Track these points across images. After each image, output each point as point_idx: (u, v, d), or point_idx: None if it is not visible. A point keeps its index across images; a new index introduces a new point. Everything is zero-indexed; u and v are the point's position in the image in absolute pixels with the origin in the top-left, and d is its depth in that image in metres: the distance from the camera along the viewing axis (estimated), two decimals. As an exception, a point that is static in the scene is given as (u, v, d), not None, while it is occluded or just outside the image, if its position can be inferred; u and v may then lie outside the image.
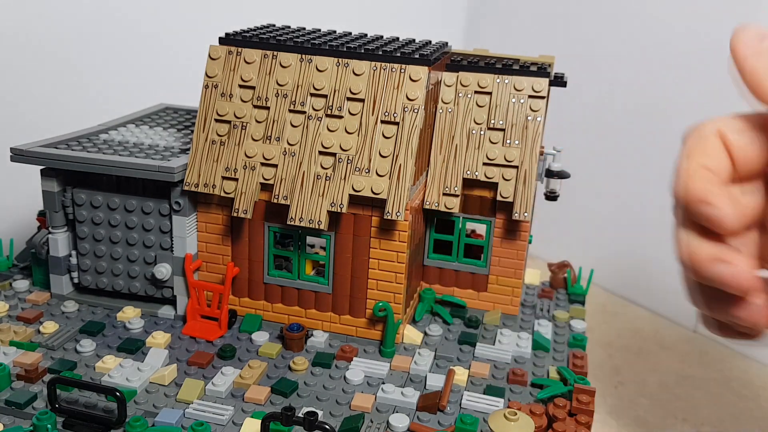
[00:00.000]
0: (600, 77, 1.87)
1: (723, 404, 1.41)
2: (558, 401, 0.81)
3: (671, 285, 1.78)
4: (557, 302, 1.10)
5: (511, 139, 0.95)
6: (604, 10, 1.85)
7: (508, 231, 0.99)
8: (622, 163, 1.85)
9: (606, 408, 1.37)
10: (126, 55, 1.50)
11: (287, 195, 0.89)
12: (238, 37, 0.94)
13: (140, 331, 0.93)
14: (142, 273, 0.97)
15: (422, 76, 0.88)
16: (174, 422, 0.75)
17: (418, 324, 0.99)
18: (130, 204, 0.94)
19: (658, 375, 1.50)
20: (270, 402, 0.81)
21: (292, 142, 0.90)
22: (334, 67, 0.90)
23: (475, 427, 0.76)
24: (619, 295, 1.89)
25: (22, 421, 0.75)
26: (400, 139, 0.88)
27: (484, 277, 1.02)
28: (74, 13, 1.40)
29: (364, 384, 0.85)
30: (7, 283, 1.02)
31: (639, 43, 1.78)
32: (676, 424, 1.34)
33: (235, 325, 0.96)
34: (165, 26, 1.55)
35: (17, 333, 0.89)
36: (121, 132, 1.05)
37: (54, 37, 1.38)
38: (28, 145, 0.95)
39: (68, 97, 1.42)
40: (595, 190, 1.92)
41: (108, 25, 1.45)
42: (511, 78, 0.96)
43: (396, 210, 0.87)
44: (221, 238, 0.95)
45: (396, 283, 0.92)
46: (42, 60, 1.38)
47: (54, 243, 0.97)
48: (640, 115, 1.79)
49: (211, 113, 0.92)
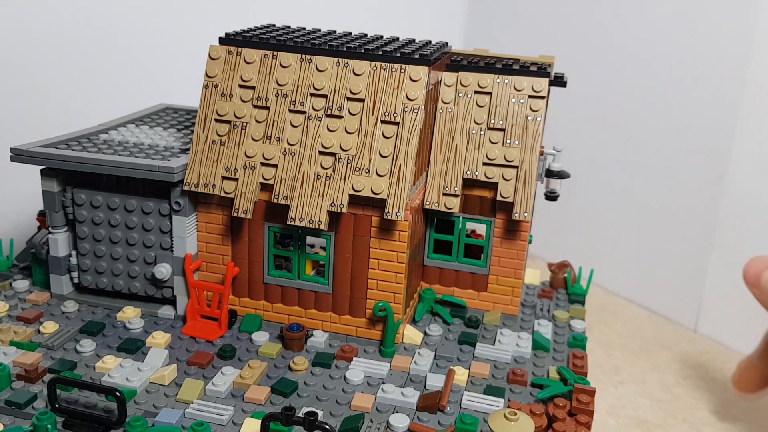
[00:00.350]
0: (600, 77, 1.87)
1: (723, 404, 1.41)
2: (558, 401, 0.81)
3: (671, 285, 1.78)
4: (557, 302, 1.10)
5: (511, 139, 0.95)
6: (604, 10, 1.85)
7: (508, 231, 0.99)
8: (622, 162, 1.86)
9: (606, 408, 1.37)
10: (126, 55, 1.50)
11: (287, 195, 0.89)
12: (238, 37, 0.94)
13: (140, 331, 0.93)
14: (142, 273, 0.97)
15: (422, 76, 0.88)
16: (174, 422, 0.75)
17: (418, 324, 0.99)
18: (130, 204, 0.94)
19: (658, 375, 1.50)
20: (270, 402, 0.81)
21: (292, 142, 0.90)
22: (334, 67, 0.90)
23: (475, 427, 0.76)
24: (619, 295, 1.89)
25: (22, 421, 0.75)
26: (400, 139, 0.88)
27: (484, 277, 1.02)
28: (74, 12, 1.40)
29: (364, 384, 0.85)
30: (7, 283, 1.02)
31: (639, 43, 1.78)
32: (676, 424, 1.34)
33: (235, 325, 0.96)
34: (165, 26, 1.55)
35: (17, 333, 0.89)
36: (121, 132, 1.05)
37: (54, 37, 1.38)
38: (28, 145, 0.95)
39: (68, 97, 1.42)
40: (595, 190, 1.92)
41: (108, 25, 1.45)
42: (511, 78, 0.96)
43: (396, 210, 0.87)
44: (221, 238, 0.95)
45: (396, 283, 0.92)
46: (42, 60, 1.38)
47: (54, 243, 0.97)
48: (640, 115, 1.80)
49: (211, 113, 0.92)
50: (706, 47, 1.63)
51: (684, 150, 1.71)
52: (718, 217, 1.65)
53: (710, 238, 1.67)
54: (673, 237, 1.76)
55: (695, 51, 1.66)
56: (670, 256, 1.77)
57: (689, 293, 1.73)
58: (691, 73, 1.67)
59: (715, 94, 1.63)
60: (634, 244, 1.85)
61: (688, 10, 1.66)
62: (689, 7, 1.66)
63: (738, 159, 1.61)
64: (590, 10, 1.88)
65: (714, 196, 1.65)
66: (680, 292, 1.75)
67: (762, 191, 1.58)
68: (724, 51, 1.60)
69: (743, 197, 1.61)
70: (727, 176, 1.63)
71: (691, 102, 1.68)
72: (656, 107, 1.75)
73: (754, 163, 1.59)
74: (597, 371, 1.48)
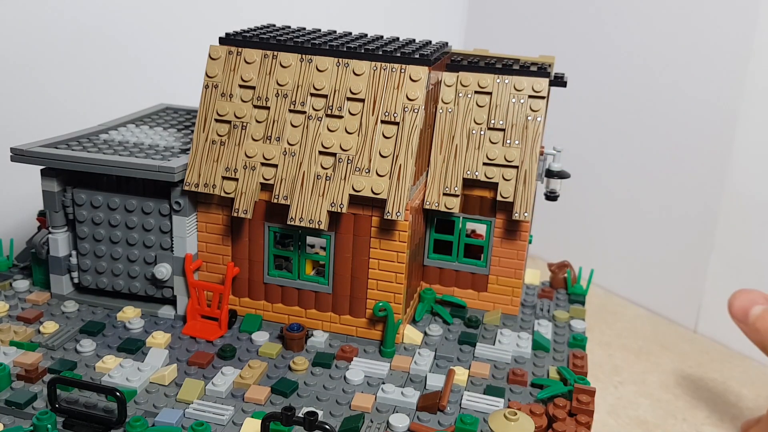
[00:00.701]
0: (600, 77, 1.87)
1: (723, 404, 1.41)
2: (558, 401, 0.81)
3: (671, 285, 1.78)
4: (557, 302, 1.10)
5: (511, 139, 0.95)
6: (604, 9, 1.85)
7: (508, 231, 0.99)
8: (622, 162, 1.86)
9: (606, 408, 1.37)
10: (126, 55, 1.50)
11: (287, 195, 0.89)
12: (238, 37, 0.94)
13: (140, 331, 0.93)
14: (142, 273, 0.97)
15: (422, 76, 0.88)
16: (174, 422, 0.75)
17: (418, 324, 0.99)
18: (130, 204, 0.94)
19: (658, 375, 1.50)
20: (270, 402, 0.81)
21: (292, 142, 0.90)
22: (334, 67, 0.90)
23: (475, 427, 0.76)
24: (619, 295, 1.89)
25: (22, 421, 0.75)
26: (400, 139, 0.88)
27: (484, 277, 1.02)
28: (74, 12, 1.40)
29: (364, 384, 0.85)
30: (7, 283, 1.02)
31: (639, 43, 1.78)
32: (676, 424, 1.34)
33: (235, 325, 0.96)
34: (165, 26, 1.55)
35: (17, 333, 0.89)
36: (121, 132, 1.05)
37: (54, 37, 1.38)
38: (28, 145, 0.95)
39: (68, 97, 1.42)
40: (595, 190, 1.92)
41: (108, 25, 1.45)
42: (511, 78, 0.96)
43: (396, 210, 0.87)
44: (221, 238, 0.95)
45: (396, 283, 0.92)
46: (42, 60, 1.38)
47: (54, 243, 0.97)
48: (640, 115, 1.80)
49: (211, 113, 0.92)
50: (706, 47, 1.63)
51: (684, 150, 1.71)
52: (718, 218, 1.65)
53: (710, 238, 1.67)
54: (673, 237, 1.76)
55: (695, 51, 1.66)
56: (670, 256, 1.77)
57: (689, 293, 1.73)
58: (691, 73, 1.67)
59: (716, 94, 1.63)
60: (634, 244, 1.85)
61: (688, 10, 1.66)
62: (689, 8, 1.66)
63: (738, 159, 1.61)
64: (590, 10, 1.88)
65: (714, 196, 1.65)
66: (680, 292, 1.75)
67: (762, 192, 1.58)
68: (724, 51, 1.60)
69: (743, 197, 1.61)
70: (727, 176, 1.63)
71: (691, 102, 1.68)
72: (656, 107, 1.75)
73: (754, 163, 1.59)
74: (597, 371, 1.48)
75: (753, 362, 1.58)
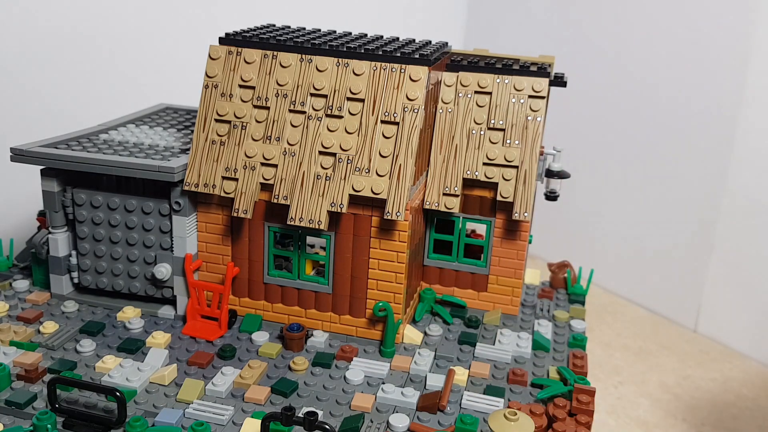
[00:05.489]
0: (600, 77, 1.87)
1: (723, 404, 1.41)
2: (558, 401, 0.81)
3: (671, 285, 1.78)
4: (557, 302, 1.10)
5: (511, 139, 0.95)
6: (604, 10, 1.85)
7: (508, 231, 0.99)
8: (622, 162, 1.86)
9: (606, 408, 1.37)
10: (126, 55, 1.50)
11: (287, 195, 0.89)
12: (238, 37, 0.94)
13: (140, 331, 0.94)
14: (142, 273, 0.97)
15: (422, 76, 0.88)
16: (174, 422, 0.75)
17: (418, 324, 0.99)
18: (130, 204, 0.94)
19: (658, 375, 1.50)
20: (270, 402, 0.81)
21: (292, 142, 0.90)
22: (334, 67, 0.90)
23: (475, 427, 0.76)
24: (619, 295, 1.89)
25: (22, 421, 0.76)
26: (400, 139, 0.88)
27: (484, 277, 1.02)
28: (74, 12, 1.40)
29: (364, 384, 0.85)
30: (7, 283, 1.02)
31: (639, 43, 1.78)
32: (676, 424, 1.34)
33: (235, 325, 0.96)
34: (165, 26, 1.55)
35: (17, 333, 0.89)
36: (121, 132, 1.05)
37: (54, 37, 1.38)
38: (28, 145, 0.95)
39: (68, 97, 1.42)
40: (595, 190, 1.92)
41: (108, 25, 1.46)
42: (511, 78, 0.96)
43: (396, 210, 0.87)
44: (221, 238, 0.95)
45: (396, 283, 0.92)
46: (42, 60, 1.38)
47: (54, 243, 0.97)
48: (640, 115, 1.80)
49: (211, 113, 0.92)
50: (707, 47, 1.63)
51: (684, 149, 1.71)
52: (718, 218, 1.65)
53: (710, 238, 1.67)
54: (673, 237, 1.76)
55: (695, 51, 1.66)
56: (670, 256, 1.77)
57: (689, 293, 1.73)
58: (691, 73, 1.67)
59: (716, 94, 1.63)
60: (634, 244, 1.85)
61: (689, 10, 1.66)
62: (689, 8, 1.66)
63: (738, 159, 1.61)
64: (590, 10, 1.88)
65: (714, 196, 1.65)
66: (680, 292, 1.75)
67: (762, 192, 1.58)
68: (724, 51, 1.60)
69: (743, 197, 1.61)
70: (727, 177, 1.63)
71: (692, 102, 1.68)
72: (656, 107, 1.75)
73: (754, 163, 1.59)
74: (597, 371, 1.48)
75: (753, 362, 1.58)
